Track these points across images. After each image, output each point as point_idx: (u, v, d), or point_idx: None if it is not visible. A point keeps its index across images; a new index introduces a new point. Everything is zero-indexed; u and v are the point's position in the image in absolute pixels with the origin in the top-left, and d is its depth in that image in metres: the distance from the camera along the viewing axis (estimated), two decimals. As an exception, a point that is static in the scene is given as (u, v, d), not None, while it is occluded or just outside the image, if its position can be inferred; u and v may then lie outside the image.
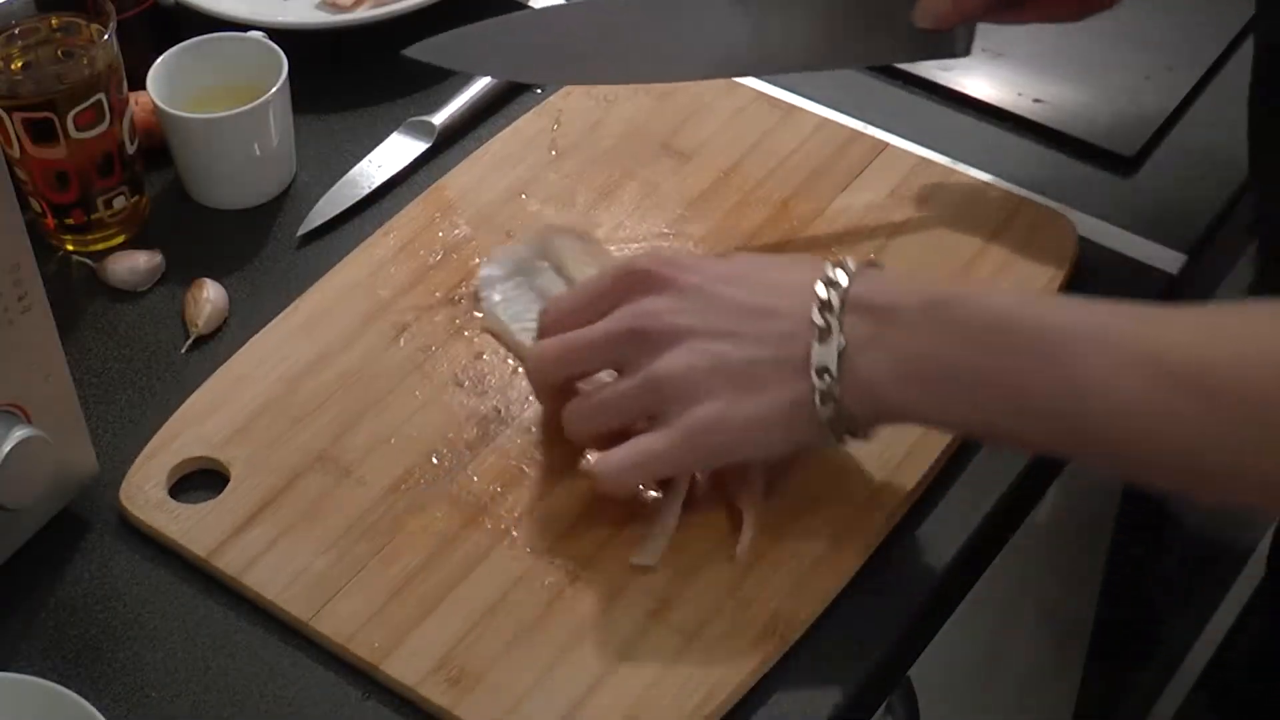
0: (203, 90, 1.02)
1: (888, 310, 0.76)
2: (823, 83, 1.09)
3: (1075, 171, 1.03)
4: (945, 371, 0.75)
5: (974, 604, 0.88)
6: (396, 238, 0.98)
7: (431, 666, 0.78)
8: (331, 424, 0.88)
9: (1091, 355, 0.71)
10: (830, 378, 0.76)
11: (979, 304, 0.75)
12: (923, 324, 0.75)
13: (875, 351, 0.76)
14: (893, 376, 0.76)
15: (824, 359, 0.76)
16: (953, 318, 0.74)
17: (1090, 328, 0.72)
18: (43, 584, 0.84)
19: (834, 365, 0.76)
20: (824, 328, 0.76)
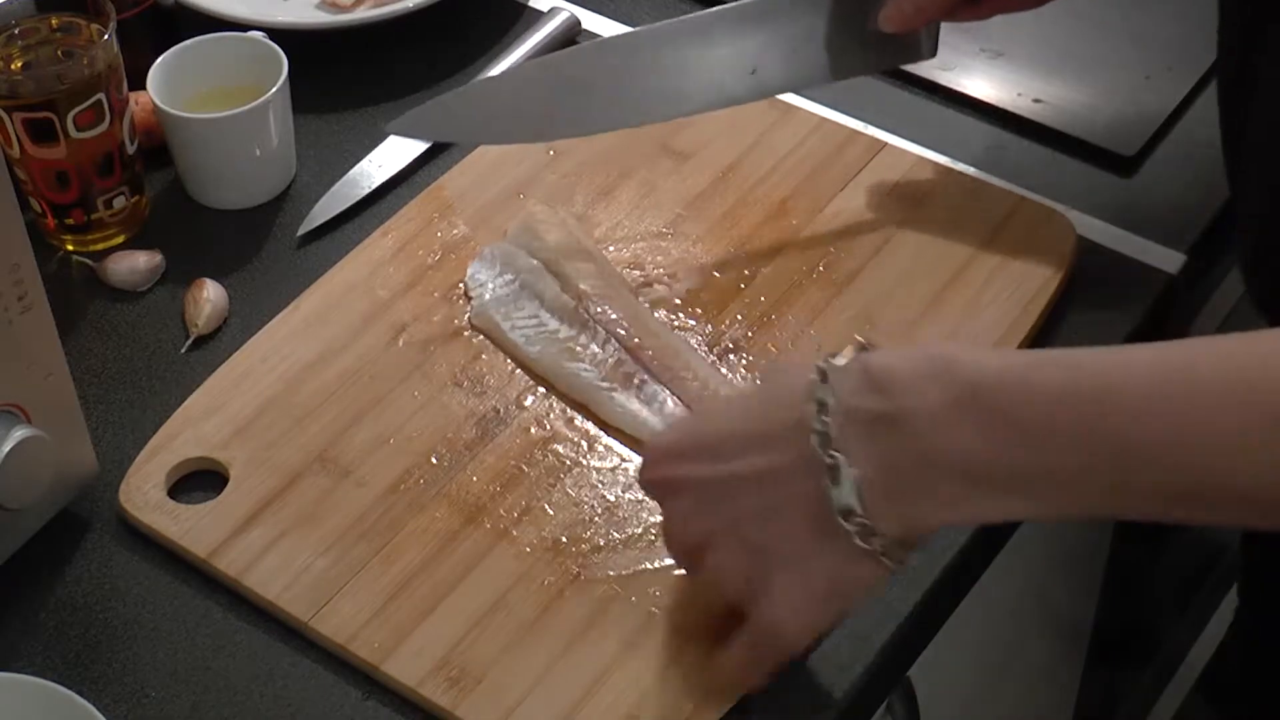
0: (203, 90, 1.02)
1: (899, 417, 0.68)
2: (822, 83, 1.09)
3: (1075, 171, 1.03)
4: (1005, 473, 0.67)
5: (974, 604, 0.88)
6: (395, 238, 0.98)
7: (432, 667, 0.78)
8: (331, 424, 0.88)
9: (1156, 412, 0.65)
10: (859, 516, 0.69)
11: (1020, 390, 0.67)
12: (959, 423, 0.67)
13: (899, 472, 0.68)
14: (929, 492, 0.68)
15: (843, 499, 0.69)
16: (995, 409, 0.66)
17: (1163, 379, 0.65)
18: (43, 584, 0.84)
19: (856, 502, 0.69)
20: (832, 466, 0.69)
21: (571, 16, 1.13)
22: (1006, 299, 0.92)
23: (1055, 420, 0.66)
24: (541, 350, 0.90)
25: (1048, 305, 0.93)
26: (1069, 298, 0.94)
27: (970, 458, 0.67)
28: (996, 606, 1.03)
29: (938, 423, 0.67)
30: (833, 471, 0.69)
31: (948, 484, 0.67)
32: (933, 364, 0.68)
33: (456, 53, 1.13)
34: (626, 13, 1.16)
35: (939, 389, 0.67)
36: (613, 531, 0.83)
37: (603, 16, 1.15)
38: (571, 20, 1.13)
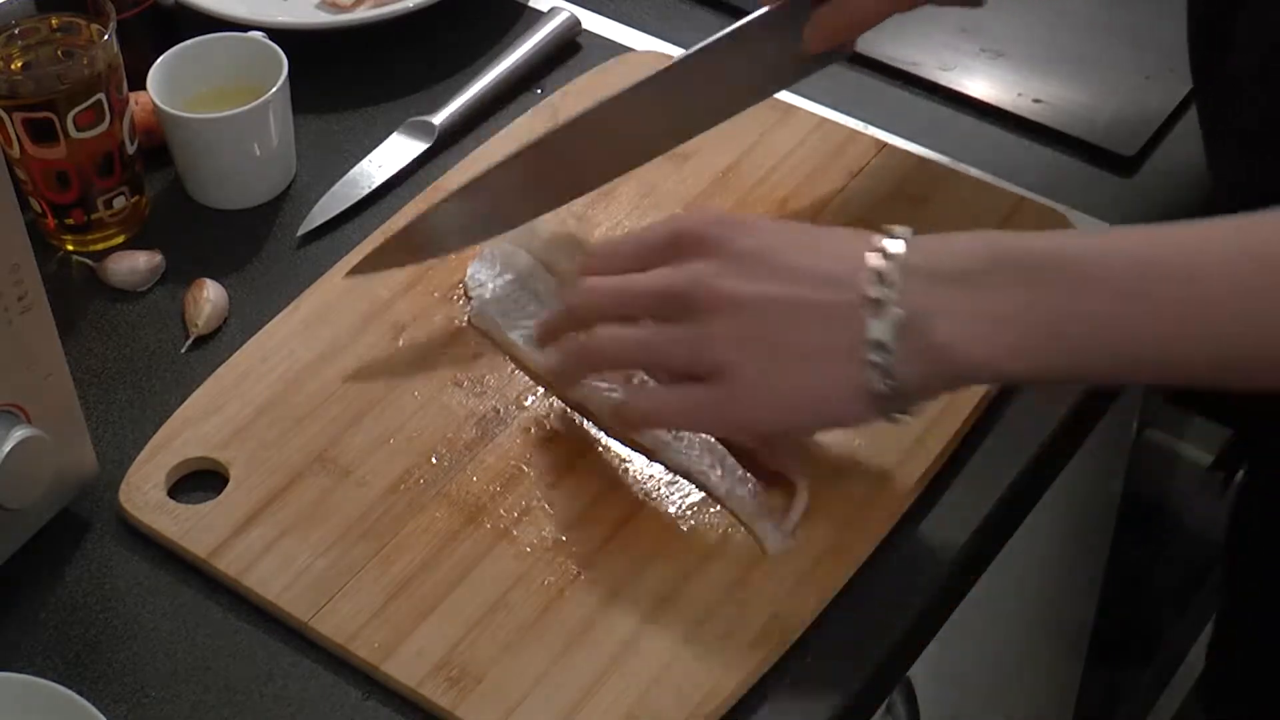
0: (203, 90, 1.02)
1: (957, 275, 0.73)
2: (821, 82, 1.09)
3: (1075, 171, 1.03)
4: (1042, 324, 0.72)
5: (974, 604, 0.88)
6: (396, 238, 0.98)
7: (432, 667, 0.78)
8: (331, 424, 0.88)
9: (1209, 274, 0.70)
10: (887, 352, 0.74)
11: (1060, 253, 0.73)
12: (1004, 283, 0.72)
13: (948, 317, 0.73)
14: (976, 338, 0.73)
15: (880, 333, 0.74)
16: (1035, 268, 0.72)
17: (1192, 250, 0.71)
18: (43, 584, 0.84)
19: (891, 339, 0.73)
20: (878, 300, 0.74)
21: (571, 16, 1.13)
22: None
23: (1109, 273, 0.71)
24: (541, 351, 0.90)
25: (1048, 305, 0.93)
26: (1069, 298, 0.94)
27: (1008, 308, 0.72)
28: (997, 606, 1.03)
29: (987, 279, 0.72)
30: (877, 306, 0.73)
31: (987, 332, 0.72)
32: (976, 237, 0.75)
33: (456, 53, 1.13)
34: (626, 13, 1.16)
35: (988, 254, 0.73)
36: (612, 531, 0.83)
37: (603, 17, 1.15)
38: (571, 20, 1.13)
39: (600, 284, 0.82)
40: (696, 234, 0.79)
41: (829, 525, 0.82)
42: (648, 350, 0.80)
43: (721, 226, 0.79)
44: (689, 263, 0.78)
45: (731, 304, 0.77)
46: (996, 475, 0.86)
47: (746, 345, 0.76)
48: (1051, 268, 0.73)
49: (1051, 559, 1.15)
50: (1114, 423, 1.04)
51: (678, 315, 0.78)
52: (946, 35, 0.95)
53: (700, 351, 0.77)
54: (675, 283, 0.78)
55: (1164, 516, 1.39)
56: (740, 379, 0.77)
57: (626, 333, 0.81)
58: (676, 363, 0.79)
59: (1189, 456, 1.40)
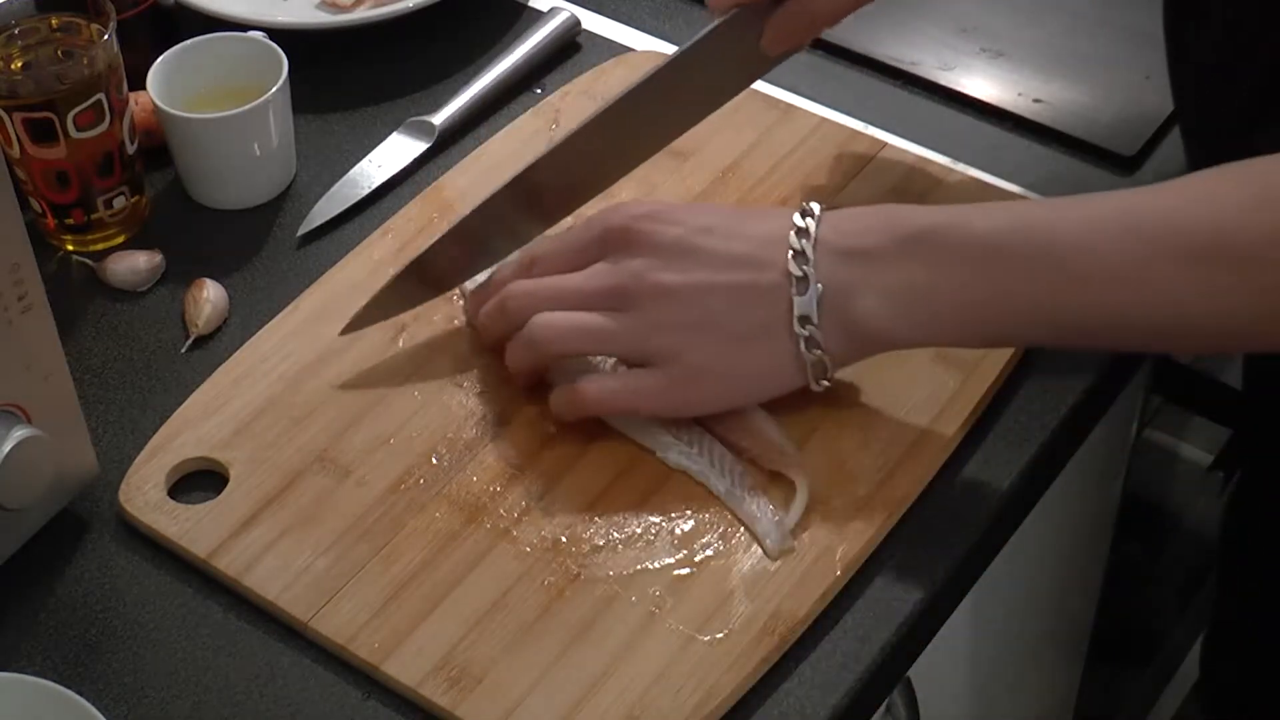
0: (203, 90, 1.02)
1: (864, 252, 0.79)
2: (822, 82, 1.09)
3: (1075, 171, 1.03)
4: (946, 299, 0.78)
5: (974, 604, 0.88)
6: (395, 238, 0.98)
7: (432, 667, 0.78)
8: (331, 424, 0.88)
9: (1108, 248, 0.75)
10: (813, 325, 0.80)
11: (969, 231, 0.78)
12: (907, 259, 0.78)
13: (861, 294, 0.79)
14: (887, 315, 0.79)
15: (805, 309, 0.80)
16: (945, 250, 0.78)
17: (1087, 223, 0.76)
18: (43, 584, 0.84)
19: (815, 313, 0.80)
20: (801, 277, 0.80)
21: (571, 16, 1.13)
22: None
23: (999, 249, 0.77)
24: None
25: (1048, 305, 0.93)
26: (1069, 298, 0.94)
27: (919, 288, 0.78)
28: (997, 606, 1.03)
29: (889, 256, 0.79)
30: (801, 283, 0.80)
31: (897, 311, 0.79)
32: (881, 213, 0.81)
33: (456, 53, 1.13)
34: (627, 13, 1.16)
35: (890, 231, 0.79)
36: (613, 531, 0.83)
37: (603, 16, 1.15)
38: (571, 20, 1.13)
39: (535, 284, 0.86)
40: (624, 229, 0.84)
41: (829, 525, 0.82)
42: (593, 337, 0.83)
43: (647, 220, 0.84)
44: (623, 260, 0.83)
45: (667, 294, 0.82)
46: (996, 475, 0.86)
47: (685, 332, 0.82)
48: (949, 244, 0.78)
49: (1051, 559, 1.15)
50: (1114, 423, 1.04)
51: (618, 309, 0.83)
52: (946, 35, 0.95)
53: (644, 341, 0.82)
54: (611, 280, 0.83)
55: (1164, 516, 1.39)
56: (682, 363, 0.82)
57: (568, 318, 0.84)
58: (620, 351, 0.84)
59: (1189, 456, 1.40)
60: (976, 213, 0.79)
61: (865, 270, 0.79)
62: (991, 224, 0.78)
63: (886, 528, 0.83)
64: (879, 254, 0.79)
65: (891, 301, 0.79)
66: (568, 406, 0.85)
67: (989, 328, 0.79)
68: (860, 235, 0.80)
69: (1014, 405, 0.89)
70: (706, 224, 0.83)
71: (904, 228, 0.79)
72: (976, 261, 0.78)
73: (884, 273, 0.79)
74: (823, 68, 1.11)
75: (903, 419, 0.86)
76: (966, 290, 0.78)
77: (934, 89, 1.08)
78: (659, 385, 0.83)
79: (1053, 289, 0.77)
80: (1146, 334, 0.78)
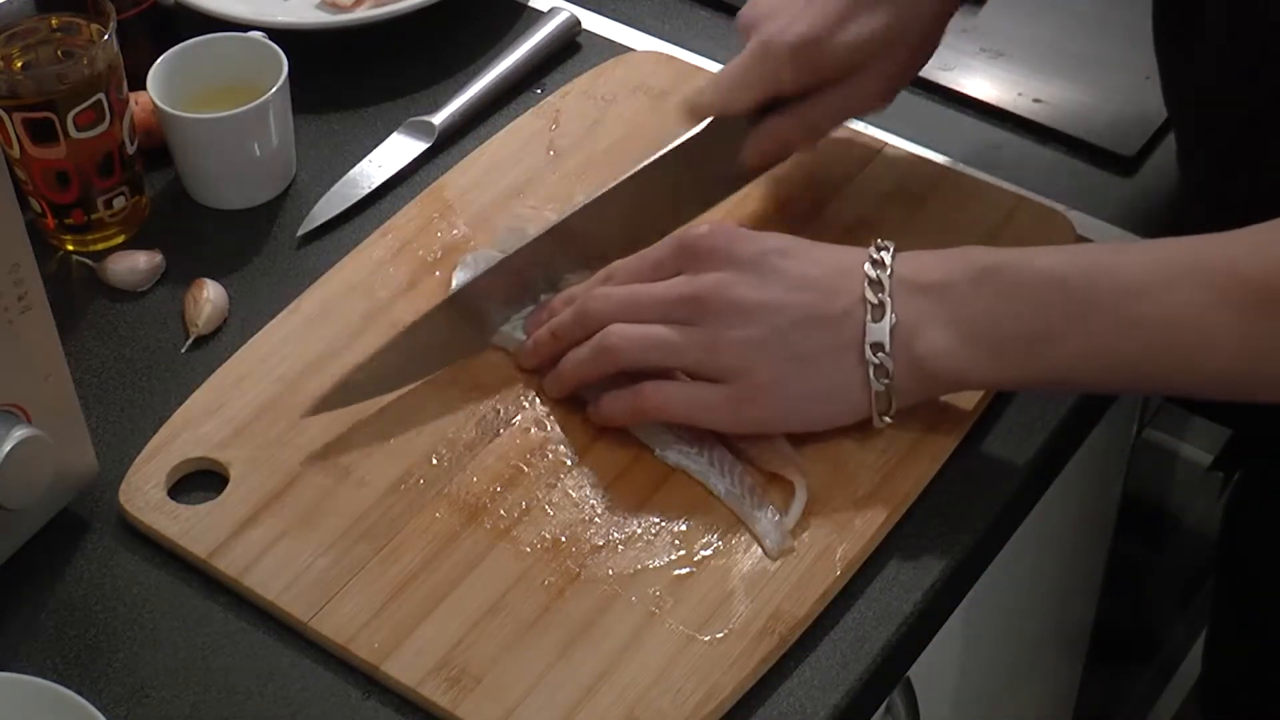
0: (203, 90, 1.02)
1: (938, 286, 0.80)
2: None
3: (1075, 171, 1.03)
4: (1006, 333, 0.78)
5: (974, 604, 0.88)
6: (395, 238, 0.98)
7: (432, 667, 0.78)
8: (331, 424, 0.88)
9: (1169, 292, 0.75)
10: (884, 354, 0.80)
11: (1033, 267, 0.78)
12: (979, 295, 0.79)
13: (930, 327, 0.79)
14: (952, 349, 0.79)
15: (878, 335, 0.80)
16: (1010, 283, 0.78)
17: (1159, 266, 0.76)
18: (43, 584, 0.84)
19: (888, 342, 0.80)
20: (877, 305, 0.80)
21: (571, 16, 1.13)
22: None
23: (1059, 286, 0.77)
24: (509, 327, 0.90)
25: (1048, 305, 0.93)
26: (1069, 298, 0.94)
27: (981, 320, 0.78)
28: (997, 606, 1.03)
29: (960, 290, 0.79)
30: (876, 310, 0.80)
31: (962, 345, 0.79)
32: (956, 251, 0.81)
33: (456, 53, 1.13)
34: (626, 13, 1.16)
35: (963, 266, 0.80)
36: (613, 531, 0.83)
37: (603, 16, 1.15)
38: (571, 20, 1.13)
39: (613, 291, 0.85)
40: (703, 245, 0.84)
41: (829, 525, 0.82)
42: (663, 349, 0.83)
43: (726, 237, 0.84)
44: (701, 273, 0.83)
45: (742, 310, 0.81)
46: (996, 476, 0.86)
47: (757, 349, 0.81)
48: (1013, 278, 0.78)
49: (1051, 559, 1.15)
50: (1114, 423, 1.04)
51: (690, 321, 0.82)
52: (946, 35, 0.95)
53: (714, 355, 0.82)
54: (688, 290, 0.83)
55: (1164, 516, 1.39)
56: (751, 381, 0.82)
57: (641, 330, 0.83)
58: (689, 364, 0.83)
59: (1189, 456, 1.40)
60: (1043, 250, 0.80)
61: (936, 303, 0.79)
62: (1054, 261, 0.78)
63: (886, 528, 0.83)
64: (951, 288, 0.79)
65: (956, 334, 0.79)
66: (626, 409, 0.85)
67: (1046, 365, 0.79)
68: (934, 270, 0.80)
69: (1014, 406, 0.89)
70: (783, 246, 0.83)
71: (975, 263, 0.80)
72: (1036, 296, 0.78)
73: (953, 306, 0.79)
74: (823, 68, 1.10)
75: (902, 419, 0.86)
76: (1025, 324, 0.78)
77: (934, 89, 1.08)
78: (722, 399, 0.82)
79: (1110, 330, 0.76)
80: (1204, 381, 0.77)
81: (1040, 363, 0.79)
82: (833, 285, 0.81)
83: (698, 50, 1.12)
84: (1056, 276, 0.78)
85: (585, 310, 0.86)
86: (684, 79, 1.07)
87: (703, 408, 0.83)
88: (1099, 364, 0.78)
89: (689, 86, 1.06)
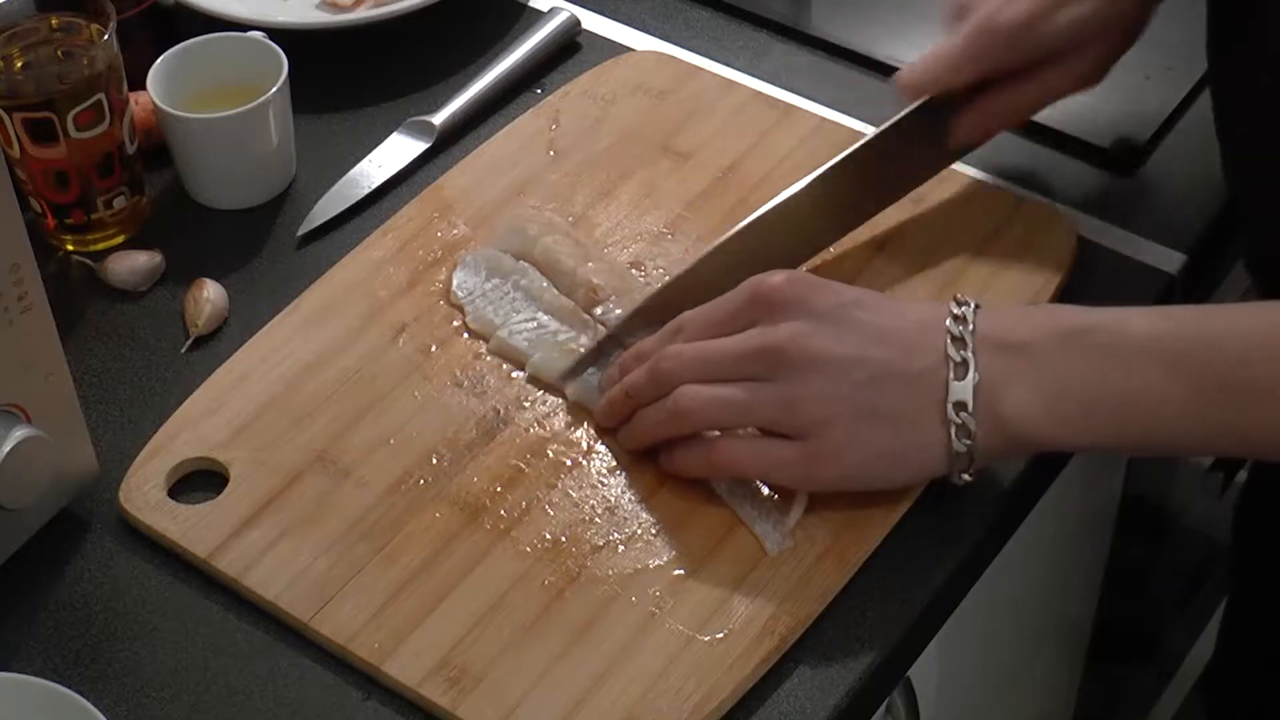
0: (203, 90, 1.02)
1: (1021, 346, 0.78)
2: (822, 82, 1.09)
3: (1075, 171, 1.03)
4: (1098, 397, 0.76)
5: (974, 604, 0.88)
6: (395, 238, 0.98)
7: (432, 667, 0.78)
8: (331, 424, 0.88)
9: (1262, 358, 0.73)
10: (967, 413, 0.78)
11: (1128, 330, 0.77)
12: (1068, 356, 0.77)
13: (1015, 386, 0.77)
14: (1038, 410, 0.77)
15: (961, 394, 0.78)
16: (1103, 346, 0.77)
17: (1252, 334, 0.74)
18: (43, 584, 0.84)
19: (970, 401, 0.77)
20: (960, 363, 0.78)
21: (571, 16, 1.13)
22: (1007, 299, 0.92)
23: (1157, 352, 0.75)
24: (543, 355, 0.90)
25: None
26: (1069, 298, 0.94)
27: (1072, 383, 0.76)
28: (997, 606, 1.03)
29: (1047, 350, 0.77)
30: (959, 368, 0.78)
31: (1051, 407, 0.77)
32: (1038, 309, 0.80)
33: (456, 53, 1.13)
34: (627, 13, 1.16)
35: (1048, 326, 0.78)
36: (613, 531, 0.83)
37: (603, 16, 1.15)
38: (571, 20, 1.13)
39: (685, 348, 0.83)
40: (779, 295, 0.81)
41: (829, 525, 0.82)
42: (736, 410, 0.81)
43: (802, 287, 0.81)
44: (779, 323, 0.80)
45: (821, 363, 0.79)
46: (996, 476, 0.86)
47: (835, 405, 0.79)
48: (1106, 341, 0.76)
49: (1051, 559, 1.15)
50: (1114, 423, 1.04)
51: (766, 374, 0.80)
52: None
53: (790, 411, 0.80)
54: (763, 343, 0.80)
55: (1164, 516, 1.39)
56: (827, 438, 0.79)
57: (714, 392, 0.81)
58: (763, 422, 0.81)
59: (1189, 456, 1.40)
60: (1137, 313, 0.78)
61: (1021, 363, 0.78)
62: (1150, 325, 0.77)
63: (886, 527, 0.83)
64: (1036, 348, 0.78)
65: (1044, 396, 0.77)
66: (696, 464, 0.83)
67: (1139, 430, 0.77)
68: (1017, 329, 0.78)
69: (1014, 405, 0.89)
70: (861, 299, 0.82)
71: (1062, 324, 0.78)
72: (1131, 361, 0.76)
73: (1040, 367, 0.77)
74: (823, 68, 1.11)
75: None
76: (1119, 389, 0.76)
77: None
78: (796, 458, 0.80)
79: (1210, 398, 0.75)
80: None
81: (1132, 428, 0.77)
82: (913, 340, 0.79)
83: (698, 50, 1.12)
84: (1154, 341, 0.76)
85: (658, 370, 0.83)
86: (684, 79, 1.07)
87: (776, 465, 0.81)
88: (1202, 431, 0.76)
89: (689, 86, 1.07)
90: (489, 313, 0.93)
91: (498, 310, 0.93)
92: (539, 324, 0.92)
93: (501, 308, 0.93)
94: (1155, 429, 0.77)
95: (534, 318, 0.92)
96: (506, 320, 0.92)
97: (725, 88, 1.07)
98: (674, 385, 0.82)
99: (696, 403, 0.81)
